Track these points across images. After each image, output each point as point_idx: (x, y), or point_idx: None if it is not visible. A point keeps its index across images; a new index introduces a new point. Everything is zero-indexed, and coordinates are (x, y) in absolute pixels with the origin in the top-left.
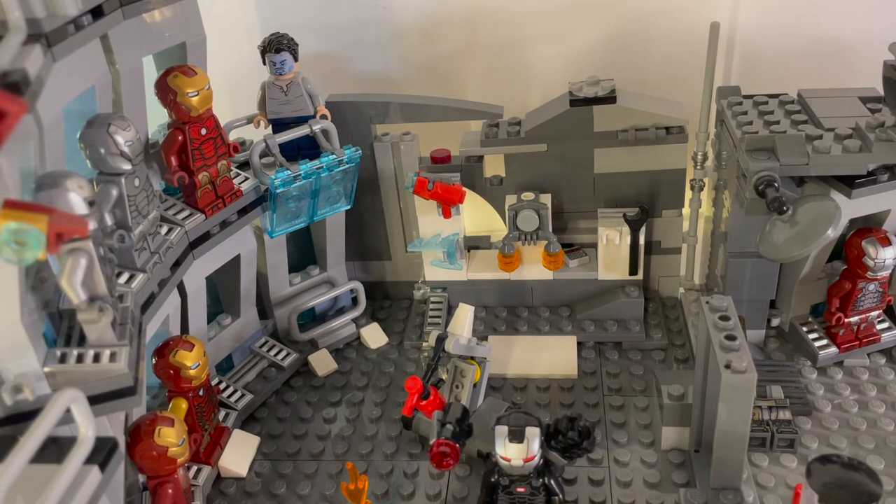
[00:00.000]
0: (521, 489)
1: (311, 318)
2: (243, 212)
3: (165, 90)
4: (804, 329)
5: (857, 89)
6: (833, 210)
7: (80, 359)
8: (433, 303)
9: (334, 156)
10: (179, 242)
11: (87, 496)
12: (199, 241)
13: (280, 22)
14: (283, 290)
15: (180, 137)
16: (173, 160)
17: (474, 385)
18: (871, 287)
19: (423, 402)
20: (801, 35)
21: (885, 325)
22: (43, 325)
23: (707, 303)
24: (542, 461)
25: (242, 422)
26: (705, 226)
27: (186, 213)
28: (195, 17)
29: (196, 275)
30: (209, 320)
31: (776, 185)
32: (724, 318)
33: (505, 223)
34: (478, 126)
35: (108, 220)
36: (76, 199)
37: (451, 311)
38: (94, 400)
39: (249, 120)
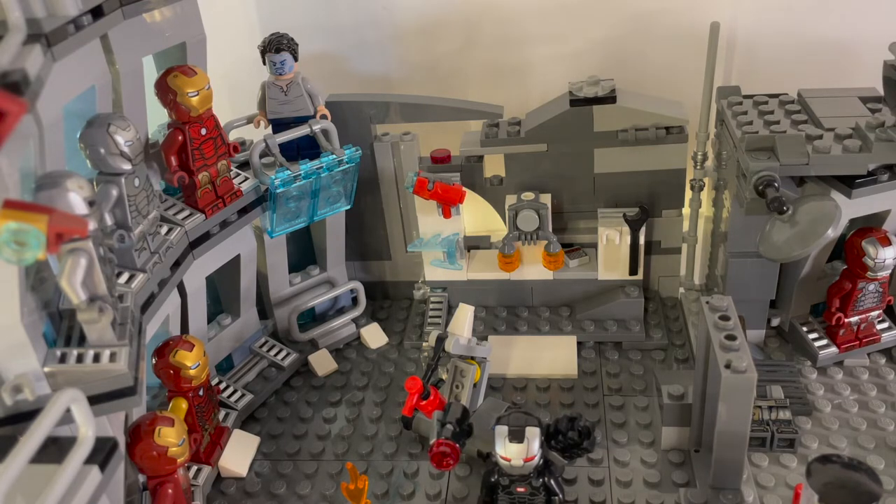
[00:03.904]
0: (521, 489)
1: (311, 318)
2: (243, 212)
3: (165, 90)
4: (804, 329)
5: (857, 89)
6: (833, 210)
7: (80, 359)
8: (433, 303)
9: (334, 156)
10: (179, 242)
11: (87, 496)
12: (199, 241)
13: (280, 22)
14: (283, 290)
15: (180, 137)
16: (173, 160)
17: (474, 385)
18: (871, 287)
19: (423, 402)
20: (801, 35)
21: (885, 325)
22: (43, 325)
23: (707, 303)
24: (542, 461)
25: (242, 422)
26: (705, 226)
27: (186, 213)
28: (195, 17)
29: (196, 275)
30: (209, 320)
31: (776, 185)
32: (724, 318)
33: (505, 223)
34: (478, 126)
35: (108, 220)
36: (76, 199)
37: (451, 311)
38: (94, 400)
39: (249, 120)
